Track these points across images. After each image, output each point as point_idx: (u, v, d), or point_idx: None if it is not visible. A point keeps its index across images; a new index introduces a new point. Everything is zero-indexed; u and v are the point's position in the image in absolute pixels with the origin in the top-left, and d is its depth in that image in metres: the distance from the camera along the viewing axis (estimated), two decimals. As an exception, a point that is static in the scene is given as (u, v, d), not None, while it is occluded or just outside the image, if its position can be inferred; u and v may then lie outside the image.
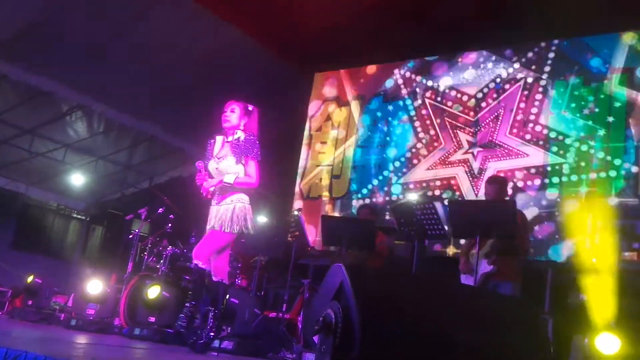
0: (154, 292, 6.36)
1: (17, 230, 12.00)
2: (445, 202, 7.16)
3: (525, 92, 7.50)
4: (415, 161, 8.15)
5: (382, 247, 6.12)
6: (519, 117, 7.46)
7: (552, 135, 7.13)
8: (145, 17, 7.98)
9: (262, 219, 7.60)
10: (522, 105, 7.49)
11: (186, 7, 8.00)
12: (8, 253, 11.30)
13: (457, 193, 7.61)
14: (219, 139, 4.56)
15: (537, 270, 5.98)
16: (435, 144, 8.06)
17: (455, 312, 2.35)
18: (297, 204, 8.62)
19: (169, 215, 7.23)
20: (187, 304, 4.59)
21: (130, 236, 7.27)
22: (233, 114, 4.49)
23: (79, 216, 12.91)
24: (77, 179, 11.20)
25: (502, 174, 6.95)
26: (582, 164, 6.76)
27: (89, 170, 11.19)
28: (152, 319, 6.37)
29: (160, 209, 7.27)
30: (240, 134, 4.46)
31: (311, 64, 9.34)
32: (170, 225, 7.17)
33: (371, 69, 8.94)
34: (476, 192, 7.43)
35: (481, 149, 7.58)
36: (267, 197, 10.00)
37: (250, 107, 4.55)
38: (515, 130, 7.45)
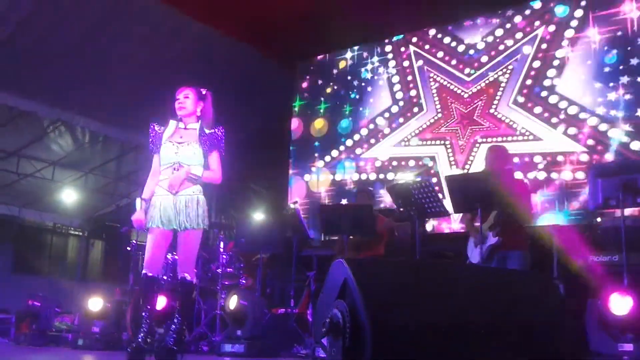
0: (232, 302, 5.97)
1: (15, 253, 11.89)
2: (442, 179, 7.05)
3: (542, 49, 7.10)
4: (386, 131, 7.99)
5: (383, 231, 6.02)
6: (528, 82, 7.13)
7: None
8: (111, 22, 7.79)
9: (259, 215, 7.48)
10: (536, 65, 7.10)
11: (155, 11, 7.83)
12: (9, 277, 11.19)
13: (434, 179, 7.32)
14: (172, 123, 4.18)
15: (543, 236, 5.87)
16: (415, 110, 7.86)
17: (466, 296, 2.25)
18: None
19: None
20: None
21: (128, 248, 7.14)
22: (187, 99, 4.15)
23: (76, 232, 12.78)
24: (69, 196, 11.06)
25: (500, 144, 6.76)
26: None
27: (80, 185, 11.05)
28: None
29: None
30: (206, 125, 4.17)
31: (292, 54, 9.17)
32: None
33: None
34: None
35: (472, 124, 7.41)
36: (260, 193, 9.92)
37: (204, 91, 4.24)
38: (521, 100, 7.15)
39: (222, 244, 6.67)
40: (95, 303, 6.97)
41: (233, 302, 5.84)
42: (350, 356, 1.99)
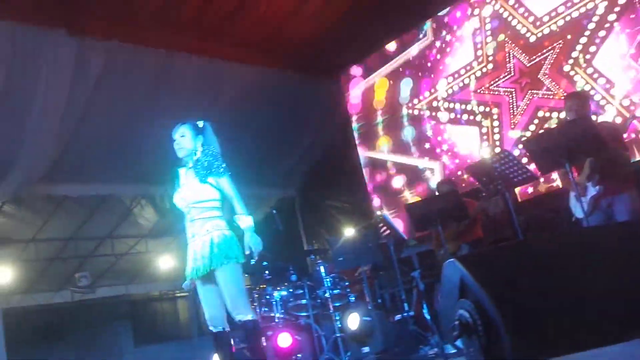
0: (353, 321, 5.93)
1: (134, 328, 12.42)
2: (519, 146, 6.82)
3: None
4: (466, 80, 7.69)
5: (476, 213, 5.90)
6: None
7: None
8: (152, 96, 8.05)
9: (349, 230, 7.49)
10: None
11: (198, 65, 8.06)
12: (133, 351, 11.70)
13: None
14: (182, 171, 3.97)
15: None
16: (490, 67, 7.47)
17: (586, 264, 2.15)
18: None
19: (262, 262, 7.23)
20: None
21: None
22: (184, 138, 3.88)
23: (182, 294, 13.20)
24: (166, 262, 11.45)
25: (578, 90, 6.31)
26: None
27: (174, 248, 11.42)
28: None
29: (252, 260, 7.25)
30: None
31: (331, 70, 9.20)
32: (267, 272, 7.15)
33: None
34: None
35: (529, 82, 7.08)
36: (343, 209, 9.95)
37: (200, 124, 3.94)
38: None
39: (322, 268, 6.71)
40: (214, 357, 7.16)
41: (354, 321, 5.82)
42: (490, 352, 1.94)
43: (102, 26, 7.08)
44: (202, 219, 3.80)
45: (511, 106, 7.20)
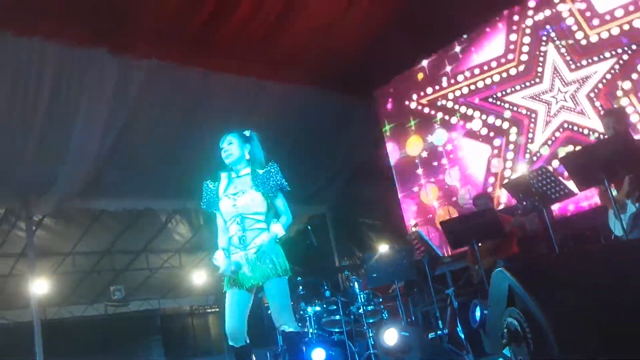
0: (391, 337, 5.89)
1: (165, 343, 12.52)
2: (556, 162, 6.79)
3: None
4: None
5: (513, 229, 5.88)
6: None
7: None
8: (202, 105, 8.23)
9: (383, 247, 7.51)
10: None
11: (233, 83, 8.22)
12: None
13: (576, 129, 6.94)
14: (224, 175, 3.97)
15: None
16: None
17: (635, 275, 2.16)
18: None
19: (296, 278, 7.28)
20: None
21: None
22: (232, 145, 3.91)
23: (213, 310, 13.30)
24: (199, 277, 11.58)
25: (616, 107, 6.31)
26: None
27: (206, 264, 11.56)
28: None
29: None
30: (257, 165, 3.90)
31: (365, 88, 9.29)
32: (300, 287, 7.19)
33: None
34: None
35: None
36: (375, 226, 9.97)
37: (247, 133, 4.00)
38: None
39: (356, 284, 6.73)
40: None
41: (392, 336, 5.79)
42: (538, 357, 1.96)
43: (143, 46, 7.28)
44: (257, 230, 3.81)
45: (536, 120, 7.24)
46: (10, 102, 6.93)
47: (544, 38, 7.24)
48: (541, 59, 7.27)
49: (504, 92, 7.60)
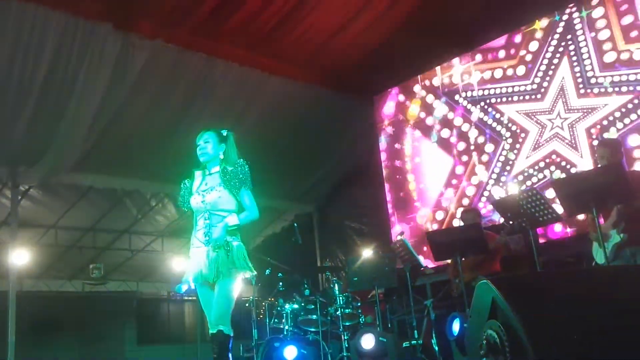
0: (368, 341, 5.87)
1: (138, 326, 12.46)
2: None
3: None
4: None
5: (497, 247, 5.93)
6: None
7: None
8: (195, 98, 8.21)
9: (367, 252, 7.52)
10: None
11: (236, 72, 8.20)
12: (136, 350, 11.73)
13: (564, 164, 6.80)
14: (198, 173, 4.07)
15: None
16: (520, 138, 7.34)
17: (615, 299, 2.18)
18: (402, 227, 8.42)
19: (277, 274, 7.27)
20: None
21: (247, 304, 7.34)
22: (208, 144, 4.01)
23: (190, 298, 13.26)
24: (179, 264, 11.50)
25: (612, 137, 6.26)
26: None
27: (187, 251, 11.50)
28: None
29: (267, 271, 7.31)
30: (228, 164, 4.00)
31: (366, 91, 9.30)
32: (281, 283, 7.19)
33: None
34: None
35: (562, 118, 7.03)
36: (361, 231, 9.98)
37: (224, 133, 4.10)
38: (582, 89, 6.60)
39: (336, 286, 6.74)
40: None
41: (369, 340, 5.79)
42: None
43: (149, 25, 7.24)
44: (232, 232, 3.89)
45: (524, 142, 7.26)
46: (7, 69, 6.87)
47: (561, 49, 6.93)
48: (550, 72, 7.02)
49: (499, 100, 7.54)
